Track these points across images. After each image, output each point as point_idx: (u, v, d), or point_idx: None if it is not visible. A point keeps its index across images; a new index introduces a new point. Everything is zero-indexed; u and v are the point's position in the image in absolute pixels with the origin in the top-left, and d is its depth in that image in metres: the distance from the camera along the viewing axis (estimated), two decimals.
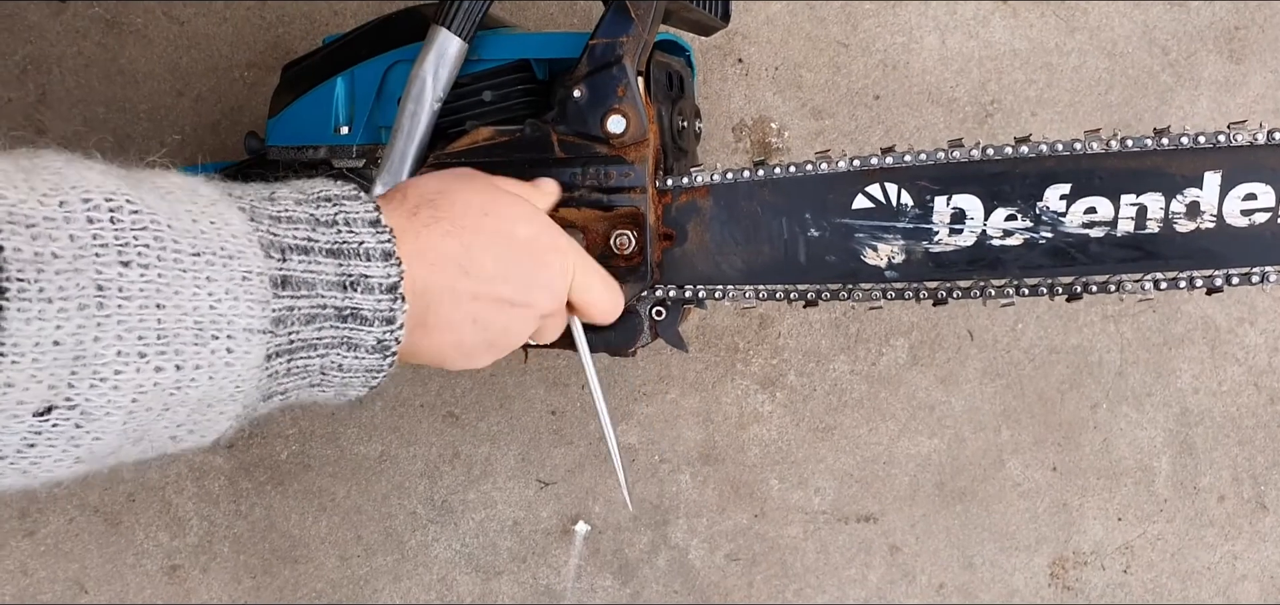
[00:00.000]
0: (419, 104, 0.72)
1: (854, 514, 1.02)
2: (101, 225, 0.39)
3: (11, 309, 0.36)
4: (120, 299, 0.39)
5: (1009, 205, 0.68)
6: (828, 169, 0.71)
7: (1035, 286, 0.69)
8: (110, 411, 0.40)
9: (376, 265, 0.49)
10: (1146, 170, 0.67)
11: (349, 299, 0.48)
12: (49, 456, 0.40)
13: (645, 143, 0.72)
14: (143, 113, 1.00)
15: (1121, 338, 1.01)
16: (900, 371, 1.01)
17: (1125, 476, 1.02)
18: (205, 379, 0.43)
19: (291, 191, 0.50)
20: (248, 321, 0.44)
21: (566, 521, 1.02)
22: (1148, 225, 0.67)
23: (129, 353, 0.40)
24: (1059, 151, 0.67)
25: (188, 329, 0.41)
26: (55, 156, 0.41)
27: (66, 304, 0.37)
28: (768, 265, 0.73)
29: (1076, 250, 0.68)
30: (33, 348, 0.37)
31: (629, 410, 1.01)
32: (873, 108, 1.00)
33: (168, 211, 0.41)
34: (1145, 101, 1.01)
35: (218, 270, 0.42)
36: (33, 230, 0.37)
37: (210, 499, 1.01)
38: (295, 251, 0.46)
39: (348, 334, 0.49)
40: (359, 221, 0.50)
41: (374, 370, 0.51)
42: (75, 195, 0.38)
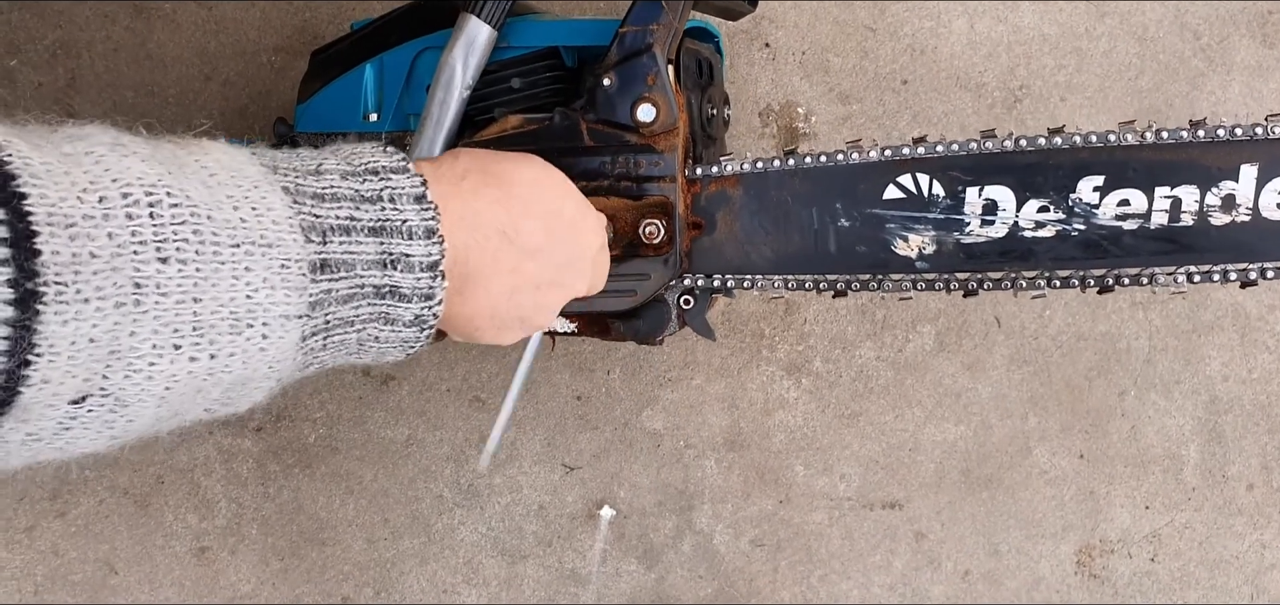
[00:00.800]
0: (448, 91, 0.72)
1: (879, 500, 1.02)
2: (140, 221, 0.39)
3: (48, 312, 0.36)
4: (158, 295, 0.39)
5: (1042, 197, 0.68)
6: (859, 159, 0.70)
7: (1067, 279, 0.69)
8: (144, 399, 0.40)
9: (418, 244, 0.49)
10: (1182, 162, 0.66)
11: (388, 277, 0.48)
12: (84, 438, 0.40)
13: (675, 131, 0.72)
14: (171, 97, 1.00)
15: (1150, 325, 1.00)
16: (927, 358, 1.01)
17: (1153, 464, 1.01)
18: (239, 365, 0.43)
19: (338, 163, 0.49)
20: (284, 309, 0.44)
21: (592, 506, 1.02)
22: (1182, 218, 0.66)
23: (164, 345, 0.40)
24: (1093, 143, 0.67)
25: (224, 319, 0.42)
26: (101, 135, 0.41)
27: (103, 303, 0.37)
28: (797, 255, 0.73)
29: (1109, 242, 0.68)
30: (69, 346, 0.37)
31: (654, 396, 1.01)
32: (900, 93, 0.99)
33: (208, 201, 0.41)
34: (1176, 87, 0.99)
35: (257, 260, 0.42)
36: (72, 230, 0.37)
37: (238, 481, 1.02)
38: (336, 232, 0.46)
39: (385, 310, 0.49)
40: (404, 197, 0.49)
41: (410, 341, 0.51)
42: (115, 190, 0.38)
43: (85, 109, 1.00)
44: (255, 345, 0.43)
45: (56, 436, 0.39)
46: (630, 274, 0.73)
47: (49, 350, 0.36)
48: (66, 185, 0.37)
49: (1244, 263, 0.67)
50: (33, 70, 1.00)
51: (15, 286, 0.35)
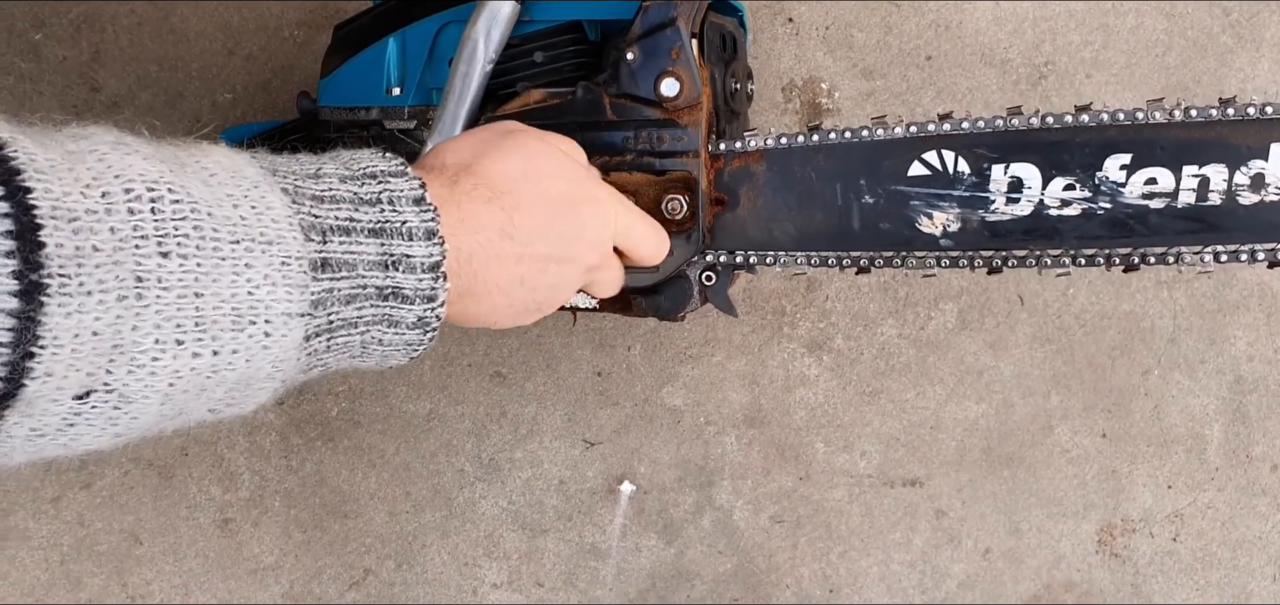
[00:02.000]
0: (471, 65, 0.72)
1: (900, 478, 1.01)
2: (142, 216, 0.39)
3: (52, 304, 0.36)
4: (159, 289, 0.39)
5: (1068, 174, 0.67)
6: (884, 135, 0.70)
7: (1092, 257, 0.68)
8: (148, 395, 0.41)
9: (419, 245, 0.49)
10: (1210, 141, 0.65)
11: (390, 278, 0.48)
12: (88, 434, 0.41)
13: (698, 106, 0.71)
14: (194, 71, 1.00)
15: (1175, 304, 1.00)
16: (949, 336, 1.00)
17: (1176, 444, 1.01)
18: (242, 362, 0.43)
19: (337, 167, 0.49)
20: (286, 306, 0.44)
21: (612, 481, 1.02)
22: (1210, 197, 0.66)
23: (166, 340, 0.40)
24: (1120, 121, 0.66)
25: (226, 315, 0.42)
26: (103, 135, 0.41)
27: (106, 296, 0.38)
28: (820, 232, 0.72)
29: (1135, 221, 0.67)
30: (72, 339, 0.37)
31: (675, 372, 1.01)
32: (924, 69, 0.98)
33: (209, 198, 0.41)
34: (1204, 63, 0.98)
35: (257, 257, 0.42)
36: (75, 224, 0.37)
37: (262, 454, 1.03)
38: (336, 233, 0.46)
39: (388, 312, 0.49)
40: (403, 200, 0.49)
41: (414, 344, 0.52)
42: (117, 185, 0.39)
43: (109, 82, 1.00)
44: (258, 343, 0.43)
45: (60, 433, 0.40)
46: None
47: (52, 343, 0.37)
48: (70, 180, 0.38)
49: (1273, 243, 0.66)
50: (57, 44, 1.00)
51: (20, 278, 0.35)
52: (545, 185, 0.60)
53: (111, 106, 1.00)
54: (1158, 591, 1.02)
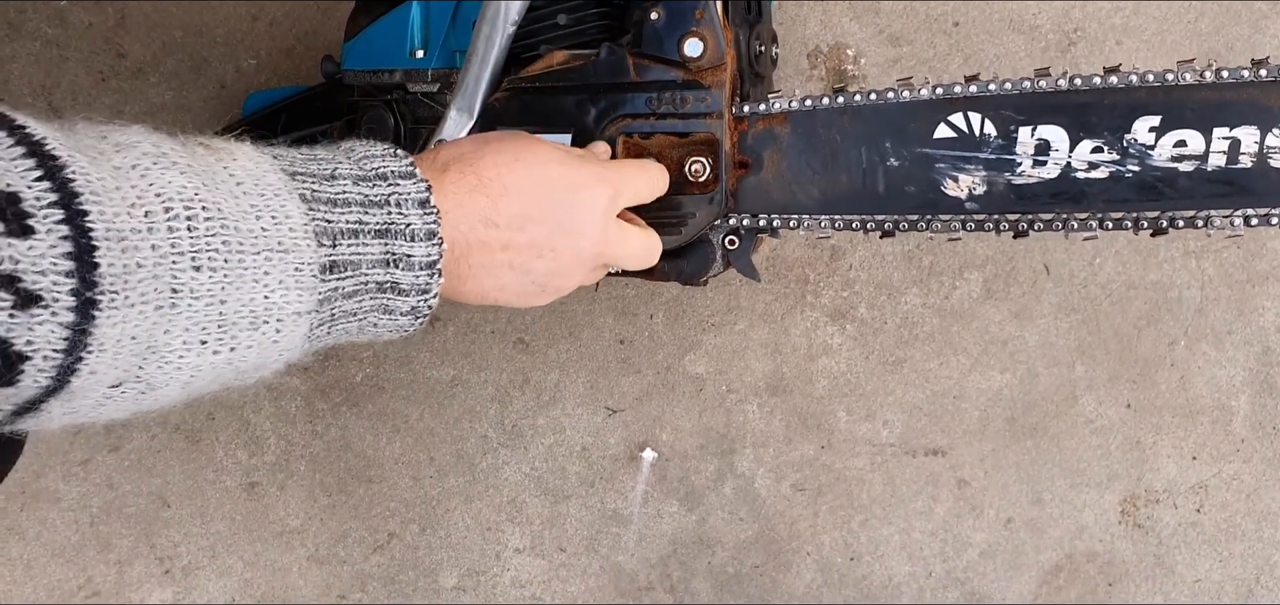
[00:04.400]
0: (494, 28, 0.72)
1: (922, 447, 1.01)
2: (179, 233, 0.43)
3: (102, 316, 0.40)
4: (191, 299, 0.44)
5: (1096, 137, 0.66)
6: (909, 97, 0.69)
7: (1119, 220, 0.68)
8: (171, 384, 0.45)
9: (419, 245, 0.53)
10: (1241, 103, 0.64)
11: (390, 275, 0.53)
12: (114, 411, 0.45)
13: (722, 67, 0.71)
14: (219, 37, 1.01)
15: (1203, 274, 0.99)
16: (973, 305, 1.00)
17: (1202, 415, 1.00)
18: (254, 355, 0.48)
19: (351, 168, 0.53)
20: (297, 307, 0.48)
21: (634, 448, 1.02)
22: (1240, 159, 0.65)
23: (192, 341, 0.45)
24: (1150, 82, 0.65)
25: (244, 318, 0.46)
26: (144, 144, 0.44)
27: (145, 307, 0.42)
28: (845, 195, 0.72)
29: (1164, 184, 0.66)
30: (114, 343, 0.41)
31: (697, 340, 1.01)
32: (952, 35, 0.97)
33: (236, 211, 0.46)
34: (1237, 29, 0.97)
35: (274, 265, 0.47)
36: (123, 243, 0.41)
37: (287, 419, 1.03)
38: (345, 236, 0.51)
39: (385, 302, 0.53)
40: (409, 202, 0.53)
41: (405, 328, 0.56)
42: (159, 204, 0.43)
43: (135, 48, 1.01)
44: (269, 338, 0.48)
45: (92, 411, 0.44)
46: (675, 212, 0.72)
47: (98, 348, 0.41)
48: (118, 201, 0.41)
49: None
50: (83, 10, 1.01)
51: (77, 296, 0.39)
52: (535, 173, 0.62)
53: (137, 73, 1.01)
54: (1181, 562, 1.01)
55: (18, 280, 0.38)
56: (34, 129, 0.40)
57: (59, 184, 0.39)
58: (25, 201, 0.38)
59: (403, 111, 0.81)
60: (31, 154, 0.39)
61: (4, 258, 0.37)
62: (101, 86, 1.01)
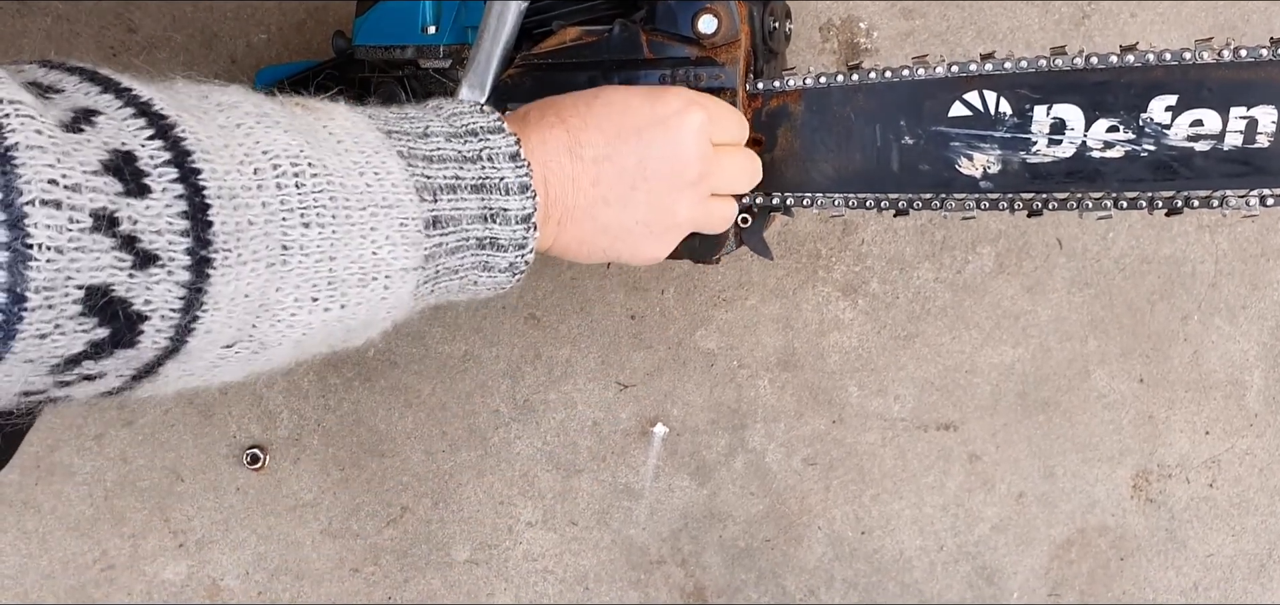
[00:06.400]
0: (506, 3, 0.71)
1: (934, 422, 1.01)
2: (288, 191, 0.43)
3: (216, 274, 0.40)
4: (301, 255, 0.44)
5: (1111, 116, 0.66)
6: (925, 75, 0.69)
7: (1134, 200, 0.67)
8: (282, 342, 0.45)
9: (514, 198, 0.53)
10: (1260, 82, 0.63)
11: (489, 230, 0.53)
12: (227, 371, 0.45)
13: (736, 44, 0.71)
14: (229, 11, 1.00)
15: (1217, 248, 0.98)
16: (986, 280, 0.99)
17: (1214, 390, 1.00)
18: (364, 313, 0.48)
19: (442, 125, 0.53)
20: (404, 262, 0.48)
21: (645, 423, 1.03)
22: (1258, 139, 0.64)
23: (304, 298, 0.45)
24: (1167, 61, 0.65)
25: (353, 274, 0.46)
26: (246, 104, 0.44)
27: (257, 264, 0.42)
28: (859, 173, 0.72)
29: (1180, 164, 0.66)
30: (228, 302, 0.41)
31: (708, 315, 1.01)
32: (965, 8, 0.97)
33: (340, 168, 0.46)
34: (1254, 3, 0.96)
35: (380, 220, 0.47)
36: (235, 201, 0.41)
37: (300, 394, 1.04)
38: (445, 191, 0.51)
39: (485, 259, 0.54)
40: (501, 156, 0.53)
41: (503, 284, 0.56)
42: (267, 162, 0.43)
43: (145, 23, 1.00)
44: (377, 295, 0.48)
45: (207, 372, 0.44)
46: None
47: (213, 307, 0.41)
48: (227, 159, 0.41)
49: None
50: None
51: (192, 255, 0.39)
52: (615, 101, 0.62)
53: (148, 47, 1.01)
54: (1193, 537, 1.01)
55: (137, 240, 0.38)
56: (140, 91, 0.40)
57: (171, 142, 0.39)
58: (140, 160, 0.38)
59: (414, 87, 0.81)
60: (142, 114, 0.39)
61: (124, 218, 0.37)
62: (111, 61, 1.01)
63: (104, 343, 0.39)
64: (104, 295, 0.37)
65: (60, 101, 0.39)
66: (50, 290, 0.36)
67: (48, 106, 0.38)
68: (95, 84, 0.40)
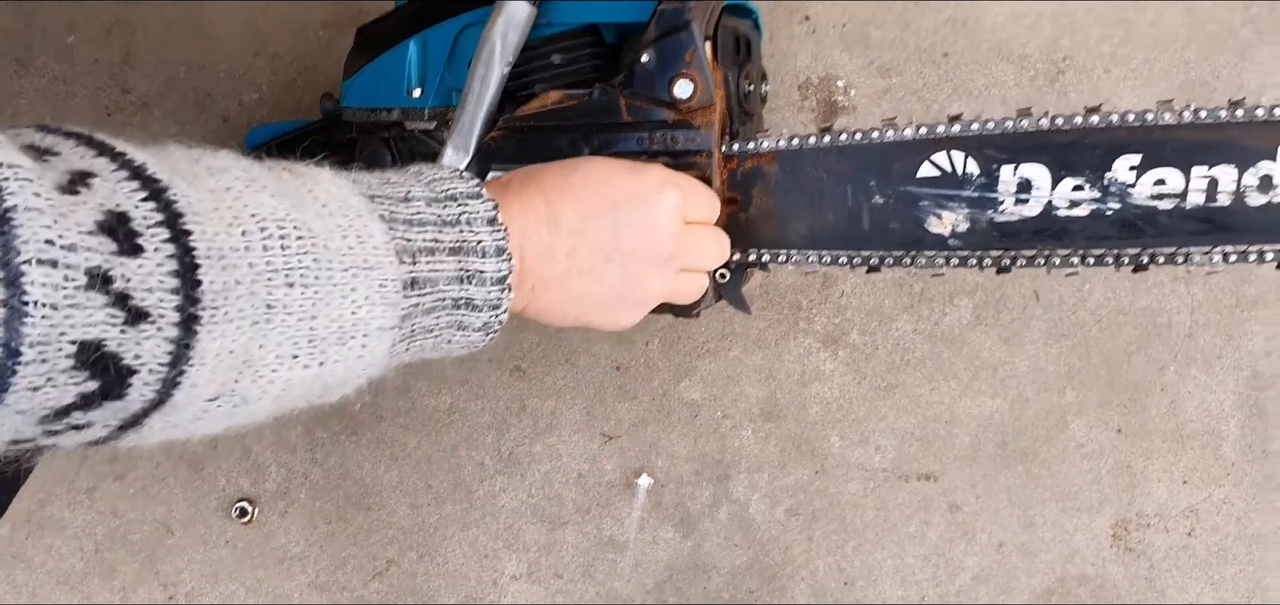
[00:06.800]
0: (489, 68, 0.73)
1: (914, 472, 1.02)
2: (273, 253, 0.45)
3: (204, 331, 0.42)
4: (284, 314, 0.45)
5: (1077, 175, 0.68)
6: (894, 136, 0.71)
7: (1100, 257, 0.69)
8: (263, 397, 0.46)
9: (490, 261, 0.55)
10: (1219, 142, 0.65)
11: (464, 291, 0.54)
12: (209, 424, 0.46)
13: (712, 107, 0.73)
14: (221, 72, 1.03)
15: (1192, 299, 1.00)
16: (964, 331, 1.01)
17: (1192, 439, 1.01)
18: (341, 370, 0.49)
19: (423, 190, 0.55)
20: (381, 322, 0.50)
21: (629, 474, 1.04)
22: (1219, 198, 0.66)
23: (284, 355, 0.46)
24: (1130, 122, 0.66)
25: (333, 333, 0.48)
26: (235, 169, 0.46)
27: (242, 321, 0.43)
28: (831, 231, 0.73)
29: (1144, 222, 0.67)
30: (214, 357, 0.43)
31: (692, 366, 1.03)
32: (941, 65, 0.99)
33: (324, 230, 0.47)
34: (1224, 58, 0.98)
35: (361, 281, 0.48)
36: (223, 261, 0.42)
37: (288, 447, 1.05)
38: (423, 254, 0.52)
39: (460, 318, 0.55)
40: (479, 220, 0.55)
41: (476, 344, 0.58)
42: (254, 224, 0.44)
43: (140, 84, 1.03)
44: (355, 353, 0.49)
45: (190, 424, 0.45)
46: None
47: (199, 362, 0.42)
48: (217, 221, 0.43)
49: None
50: (90, 46, 1.03)
51: (181, 311, 0.41)
52: (594, 175, 0.64)
53: (142, 107, 1.03)
54: (1172, 586, 1.02)
55: (129, 297, 0.39)
56: (134, 155, 0.42)
57: (163, 204, 0.41)
58: (134, 221, 0.40)
59: (400, 148, 0.83)
60: (135, 176, 0.41)
61: (117, 276, 0.39)
62: (107, 121, 1.03)
63: (93, 395, 0.40)
64: (96, 350, 0.39)
65: (57, 164, 0.40)
66: (44, 345, 0.37)
67: (45, 169, 0.39)
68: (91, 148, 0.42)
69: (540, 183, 0.63)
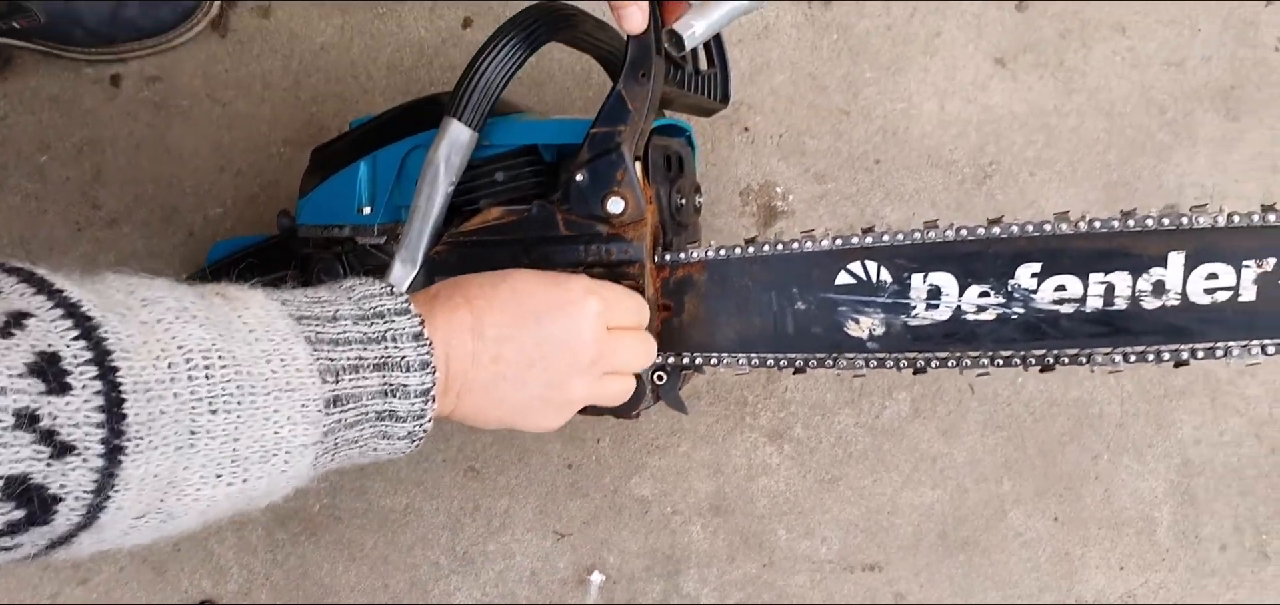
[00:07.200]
0: (433, 187, 0.78)
1: (859, 563, 1.05)
2: (198, 382, 0.48)
3: (128, 460, 0.45)
4: (207, 438, 0.48)
5: (982, 282, 0.72)
6: (812, 247, 0.75)
7: (1008, 358, 0.73)
8: (189, 514, 0.50)
9: (414, 375, 0.58)
10: (1114, 250, 0.70)
11: (387, 404, 0.58)
12: (137, 538, 0.50)
13: (643, 221, 0.77)
14: (188, 188, 1.07)
15: (1122, 390, 1.04)
16: (903, 424, 1.05)
17: (1127, 526, 1.04)
18: (265, 485, 0.53)
19: (352, 308, 0.58)
20: (303, 440, 0.53)
21: (582, 571, 1.06)
22: (1116, 302, 0.70)
23: (209, 475, 0.49)
24: (1030, 232, 0.71)
25: (256, 453, 0.51)
26: (169, 300, 0.50)
27: (166, 448, 0.47)
28: (758, 335, 0.77)
29: (1048, 325, 0.71)
30: (139, 483, 0.46)
31: (642, 463, 1.06)
32: (873, 171, 1.04)
33: (248, 356, 0.51)
34: (1144, 160, 1.03)
35: (283, 403, 0.52)
36: (148, 394, 0.46)
37: (249, 549, 1.07)
38: (347, 372, 0.56)
39: (384, 429, 0.59)
40: (404, 336, 0.58)
41: (402, 451, 0.61)
42: (180, 356, 0.48)
43: (109, 201, 1.07)
44: (278, 469, 0.53)
45: (118, 539, 0.49)
46: None
47: (124, 488, 0.45)
48: (145, 355, 0.46)
49: (1176, 344, 0.70)
50: (61, 165, 1.07)
51: (107, 443, 0.44)
52: (519, 287, 0.68)
53: (111, 223, 1.07)
54: None
55: (56, 434, 0.43)
56: (71, 292, 0.46)
57: (94, 343, 0.44)
58: (64, 360, 0.43)
59: (352, 262, 0.87)
60: (69, 315, 0.45)
61: (44, 414, 0.42)
62: (77, 236, 1.07)
63: (20, 522, 0.43)
64: (21, 483, 0.42)
65: None
66: None
67: None
68: (30, 285, 0.46)
69: (466, 293, 0.66)
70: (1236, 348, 0.69)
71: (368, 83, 1.06)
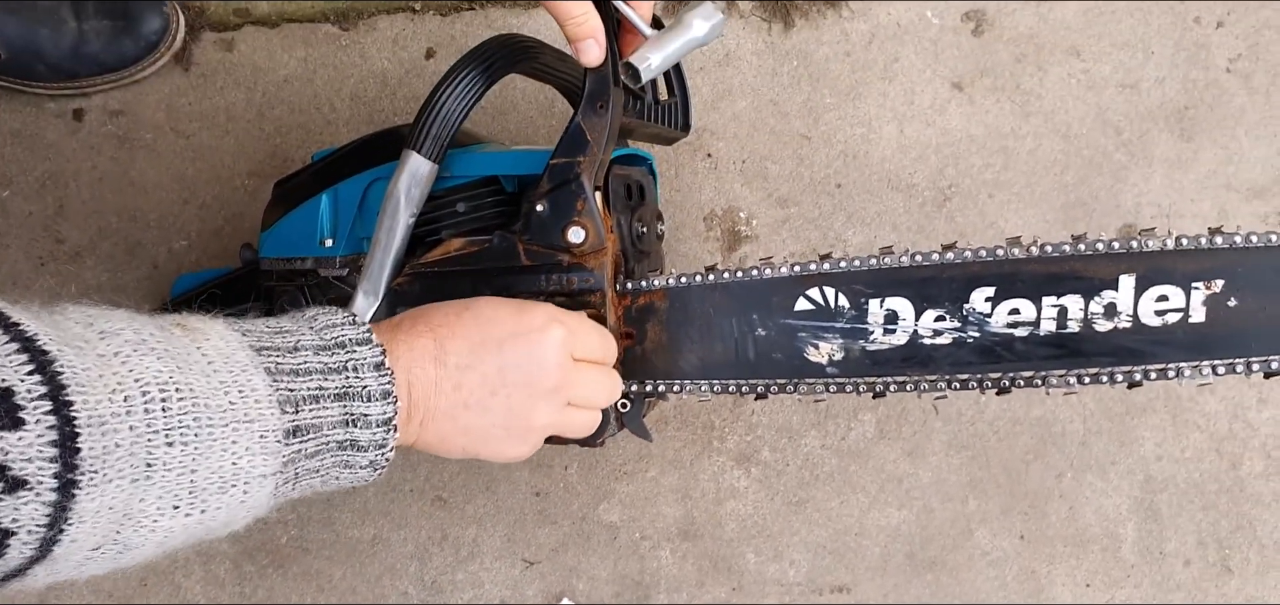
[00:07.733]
0: (394, 220, 0.78)
1: (828, 585, 1.06)
2: (154, 414, 0.48)
3: (82, 494, 0.45)
4: (164, 471, 0.48)
5: (938, 307, 0.73)
6: (772, 274, 0.76)
7: (965, 381, 0.74)
8: (145, 545, 0.50)
9: (376, 405, 0.58)
10: (1066, 274, 0.71)
11: (349, 434, 0.58)
12: (94, 569, 0.50)
13: (604, 250, 0.77)
14: (152, 221, 1.07)
15: (1084, 409, 1.05)
16: (869, 445, 1.05)
17: (1092, 543, 1.05)
18: (223, 515, 0.53)
19: (313, 338, 0.59)
20: (263, 470, 0.53)
21: (551, 599, 1.06)
22: (1069, 325, 0.71)
23: (165, 507, 0.49)
24: (983, 256, 0.72)
25: (214, 484, 0.51)
26: (127, 331, 0.50)
27: (122, 480, 0.47)
28: (720, 362, 0.78)
29: (1002, 349, 0.72)
30: (94, 515, 0.46)
31: (611, 489, 1.06)
32: (835, 195, 1.05)
33: (206, 388, 0.51)
34: (1100, 180, 1.05)
35: (241, 434, 0.52)
36: (103, 427, 0.46)
37: (216, 582, 1.07)
38: (307, 402, 0.56)
39: (345, 458, 0.59)
40: (365, 366, 0.59)
41: (365, 480, 0.61)
42: (136, 389, 0.48)
43: (72, 234, 1.06)
44: (237, 500, 0.53)
45: (73, 570, 0.49)
46: None
47: (78, 521, 0.45)
48: (101, 388, 0.46)
49: (1129, 366, 0.71)
50: (24, 200, 1.06)
51: (60, 478, 0.44)
52: (482, 314, 0.68)
53: (74, 256, 1.07)
54: None
55: (7, 469, 0.43)
56: (27, 325, 0.46)
57: (49, 377, 0.44)
58: (18, 395, 0.43)
59: (315, 294, 0.87)
60: (25, 349, 0.45)
61: None
62: (40, 270, 1.07)
63: None
64: None
65: None
66: None
67: None
68: None
69: (429, 321, 0.66)
70: (1187, 368, 0.70)
71: (331, 114, 1.07)
